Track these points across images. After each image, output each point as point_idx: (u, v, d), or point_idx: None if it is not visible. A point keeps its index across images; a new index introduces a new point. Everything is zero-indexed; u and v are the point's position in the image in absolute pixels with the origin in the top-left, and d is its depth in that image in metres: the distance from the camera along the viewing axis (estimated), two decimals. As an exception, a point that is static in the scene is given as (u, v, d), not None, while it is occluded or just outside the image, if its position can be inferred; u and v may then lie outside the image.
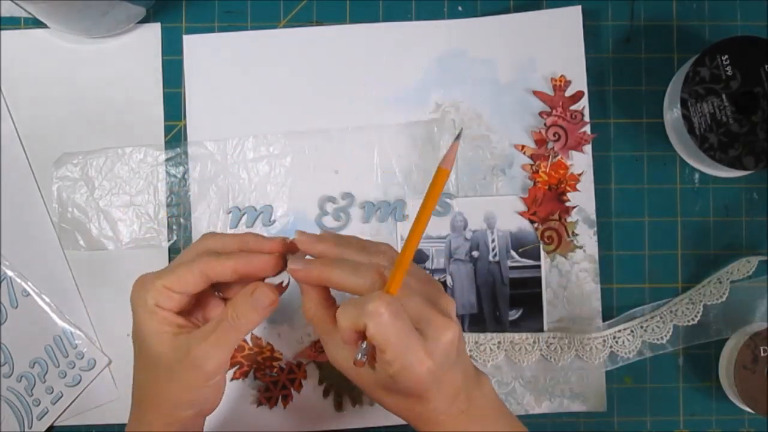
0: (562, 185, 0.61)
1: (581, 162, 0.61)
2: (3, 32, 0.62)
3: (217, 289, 0.50)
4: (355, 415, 0.61)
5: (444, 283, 0.61)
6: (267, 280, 0.48)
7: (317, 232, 0.60)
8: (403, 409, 0.46)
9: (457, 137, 0.44)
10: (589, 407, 0.61)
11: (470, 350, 0.61)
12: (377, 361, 0.44)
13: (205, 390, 0.47)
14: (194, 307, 0.49)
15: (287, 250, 0.48)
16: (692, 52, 0.60)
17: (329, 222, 0.61)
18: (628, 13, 0.63)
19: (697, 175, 0.62)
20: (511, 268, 0.61)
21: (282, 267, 0.48)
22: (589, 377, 0.61)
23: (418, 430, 0.47)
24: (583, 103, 0.61)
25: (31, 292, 0.61)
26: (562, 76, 0.61)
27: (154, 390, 0.47)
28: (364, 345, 0.44)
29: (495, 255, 0.61)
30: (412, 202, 0.61)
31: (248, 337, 0.61)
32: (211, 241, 0.48)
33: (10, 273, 0.61)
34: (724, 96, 0.57)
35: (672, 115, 0.60)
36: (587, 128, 0.61)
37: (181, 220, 0.62)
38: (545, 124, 0.61)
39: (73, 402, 0.61)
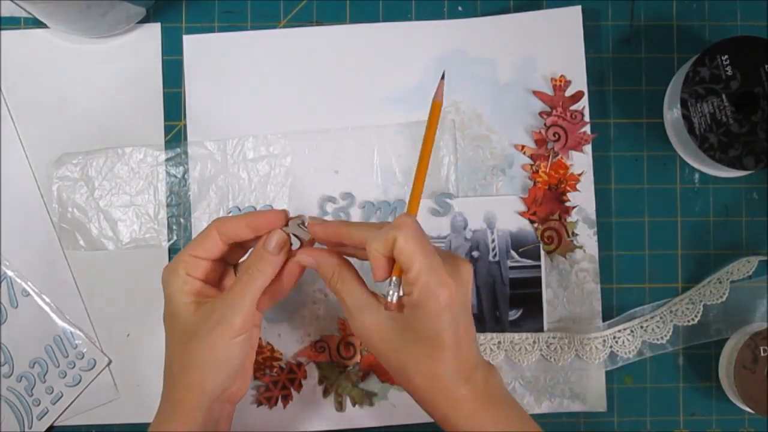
0: (562, 185, 0.61)
1: (581, 162, 0.61)
2: (3, 32, 0.62)
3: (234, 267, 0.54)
4: (355, 415, 0.61)
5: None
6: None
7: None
8: (423, 368, 0.46)
9: (442, 77, 0.52)
10: (589, 407, 0.61)
11: (470, 350, 0.61)
12: (402, 289, 0.47)
13: (233, 349, 0.48)
14: (218, 284, 0.52)
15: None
16: (692, 52, 0.60)
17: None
18: (628, 13, 0.63)
19: (697, 175, 0.62)
20: (511, 268, 0.61)
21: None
22: (589, 377, 0.61)
23: (436, 412, 0.48)
24: (583, 103, 0.61)
25: (31, 292, 0.61)
26: (562, 76, 0.61)
27: (187, 362, 0.48)
28: (393, 279, 0.47)
29: (495, 255, 0.61)
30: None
31: (248, 337, 0.61)
32: (221, 218, 0.52)
33: (10, 273, 0.61)
34: (724, 96, 0.57)
35: (672, 115, 0.60)
36: (587, 128, 0.61)
37: (181, 220, 0.62)
38: (545, 124, 0.61)
39: (73, 402, 0.61)
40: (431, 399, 0.47)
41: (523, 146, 0.61)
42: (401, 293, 0.47)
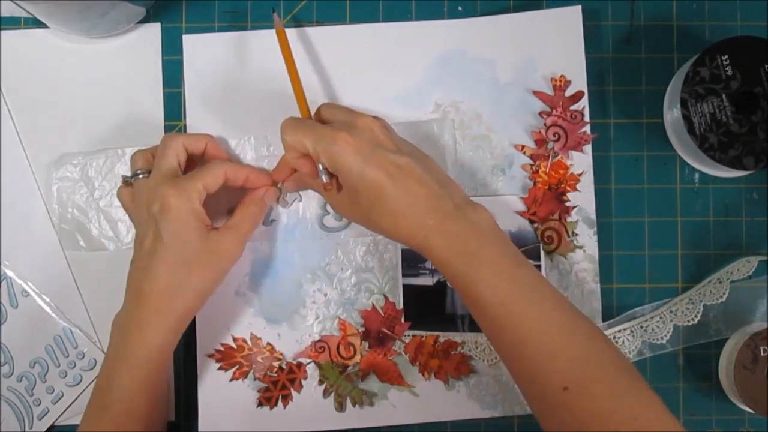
0: (562, 185, 0.61)
1: (581, 162, 0.61)
2: (3, 32, 0.62)
3: None
4: (355, 415, 0.61)
5: (444, 283, 0.61)
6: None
7: (319, 233, 0.61)
8: (379, 213, 0.52)
9: (273, 11, 0.59)
10: (589, 407, 0.61)
11: (470, 350, 0.61)
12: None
13: (221, 280, 0.56)
14: None
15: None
16: (692, 52, 0.60)
17: (330, 221, 0.61)
18: (628, 13, 0.63)
19: (697, 175, 0.62)
20: (511, 268, 0.61)
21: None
22: (589, 377, 0.61)
23: (413, 241, 0.52)
24: (583, 103, 0.61)
25: (31, 292, 0.61)
26: (562, 76, 0.61)
27: (167, 282, 0.53)
28: (320, 166, 0.54)
29: (495, 255, 0.61)
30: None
31: (248, 337, 0.61)
32: (228, 162, 0.59)
33: (10, 273, 0.61)
34: (724, 96, 0.57)
35: (672, 115, 0.60)
36: (587, 128, 0.61)
37: (181, 220, 0.61)
38: (545, 124, 0.61)
39: (74, 402, 0.61)
40: (402, 237, 0.52)
41: (523, 146, 0.61)
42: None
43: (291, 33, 0.62)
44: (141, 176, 0.56)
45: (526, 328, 0.49)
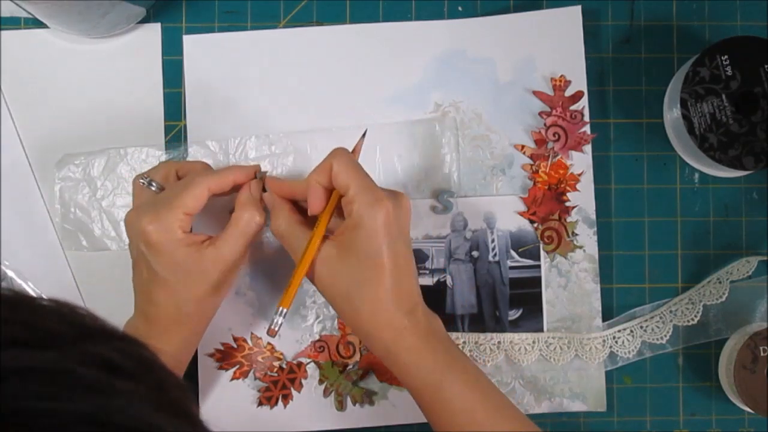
0: (562, 185, 0.61)
1: (581, 162, 0.61)
2: (3, 32, 0.62)
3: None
4: (355, 415, 0.61)
5: (444, 283, 0.61)
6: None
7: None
8: (366, 293, 0.49)
9: (363, 136, 0.54)
10: (589, 407, 0.61)
11: (470, 350, 0.61)
12: (342, 206, 0.51)
13: (233, 282, 0.56)
14: None
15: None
16: (692, 52, 0.60)
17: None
18: (628, 13, 0.63)
19: (697, 175, 0.62)
20: (511, 268, 0.61)
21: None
22: (589, 377, 0.61)
23: (378, 343, 0.50)
24: (583, 103, 0.61)
25: (31, 292, 0.61)
26: (562, 76, 0.61)
27: (186, 300, 0.53)
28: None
29: (495, 255, 0.61)
30: (414, 201, 0.61)
31: (248, 337, 0.61)
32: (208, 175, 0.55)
33: (10, 273, 0.61)
34: (723, 96, 0.57)
35: (672, 115, 0.60)
36: (587, 128, 0.61)
37: (182, 220, 0.62)
38: (545, 124, 0.61)
39: (73, 402, 0.61)
40: (374, 328, 0.50)
41: (523, 146, 0.61)
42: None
43: (291, 33, 0.62)
44: (152, 187, 0.55)
45: None
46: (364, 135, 0.55)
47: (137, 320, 0.54)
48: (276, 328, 0.51)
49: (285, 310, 0.51)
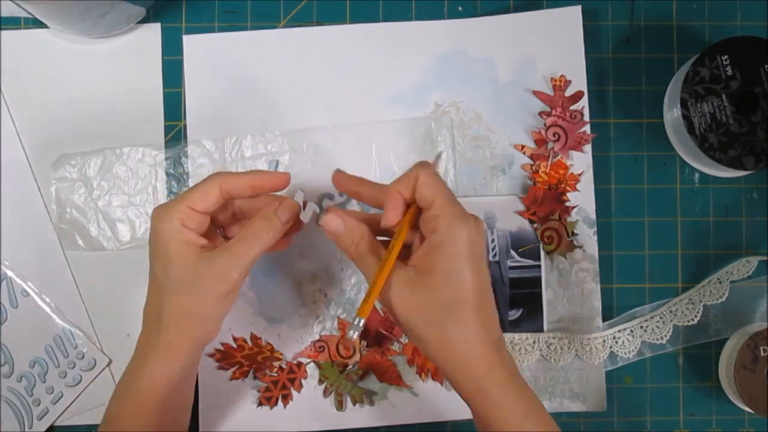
0: (562, 185, 0.61)
1: (581, 162, 0.61)
2: (3, 32, 0.62)
3: (221, 230, 0.55)
4: (355, 415, 0.61)
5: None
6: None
7: (320, 233, 0.60)
8: (443, 320, 0.45)
9: (438, 156, 0.54)
10: (589, 407, 0.61)
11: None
12: (422, 224, 0.48)
13: (226, 303, 0.51)
14: (204, 235, 0.52)
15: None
16: (692, 52, 0.60)
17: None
18: (628, 13, 0.63)
19: (697, 175, 0.62)
20: (511, 268, 0.61)
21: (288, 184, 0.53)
22: (589, 377, 0.61)
23: (467, 382, 0.47)
24: (583, 103, 0.61)
25: (31, 292, 0.61)
26: (562, 75, 0.61)
27: (182, 309, 0.50)
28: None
29: (495, 255, 0.61)
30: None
31: (248, 337, 0.61)
32: (223, 173, 0.52)
33: (10, 273, 0.61)
34: (724, 96, 0.57)
35: (672, 115, 0.60)
36: (587, 128, 0.61)
37: (181, 220, 0.61)
38: (545, 124, 0.61)
39: (73, 402, 0.61)
40: (466, 361, 0.46)
41: (522, 146, 0.61)
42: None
43: (291, 33, 0.62)
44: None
45: None
46: (439, 156, 0.54)
47: (145, 331, 0.53)
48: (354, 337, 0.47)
49: (362, 319, 0.47)
